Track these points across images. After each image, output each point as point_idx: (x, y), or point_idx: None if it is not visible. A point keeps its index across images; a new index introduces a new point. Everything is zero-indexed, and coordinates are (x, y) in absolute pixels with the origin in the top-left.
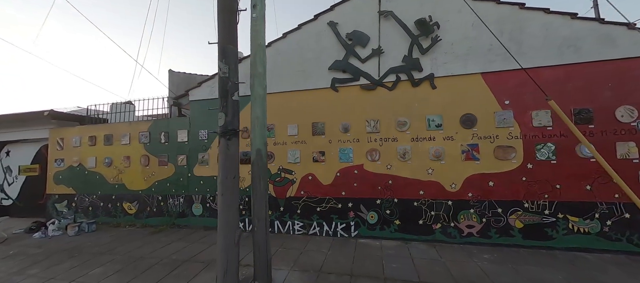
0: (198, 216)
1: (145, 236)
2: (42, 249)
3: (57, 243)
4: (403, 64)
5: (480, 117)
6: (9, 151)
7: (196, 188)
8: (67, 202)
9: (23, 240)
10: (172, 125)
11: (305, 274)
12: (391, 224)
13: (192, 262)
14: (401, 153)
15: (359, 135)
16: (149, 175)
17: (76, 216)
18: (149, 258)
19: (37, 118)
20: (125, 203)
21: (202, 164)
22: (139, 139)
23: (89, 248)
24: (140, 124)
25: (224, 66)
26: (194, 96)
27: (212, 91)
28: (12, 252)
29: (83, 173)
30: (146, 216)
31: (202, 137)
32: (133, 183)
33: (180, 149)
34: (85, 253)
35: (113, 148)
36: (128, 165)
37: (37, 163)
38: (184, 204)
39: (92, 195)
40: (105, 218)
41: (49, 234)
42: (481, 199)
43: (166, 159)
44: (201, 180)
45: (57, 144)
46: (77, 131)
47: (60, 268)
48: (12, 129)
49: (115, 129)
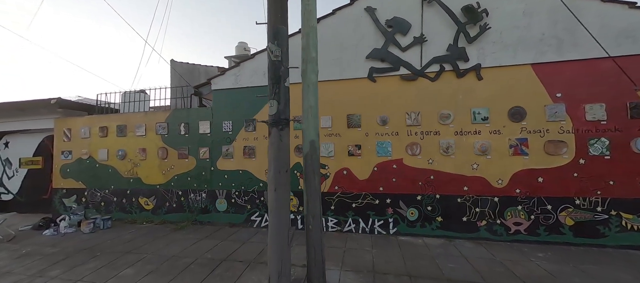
0: (222, 213)
1: (168, 233)
2: (57, 248)
3: (72, 241)
4: (448, 53)
5: (529, 110)
6: (8, 142)
7: (220, 182)
8: (76, 197)
9: (33, 237)
10: (192, 116)
11: (359, 275)
12: (433, 221)
13: (230, 261)
14: (444, 147)
15: (398, 128)
16: (168, 169)
17: (86, 212)
18: (183, 258)
19: (42, 106)
20: (142, 198)
21: (226, 158)
22: (155, 131)
23: (111, 246)
24: (157, 115)
25: (276, 49)
26: (217, 85)
27: (237, 79)
28: (25, 251)
29: (93, 166)
30: (165, 212)
31: (226, 128)
32: (149, 177)
33: (202, 142)
34: (108, 253)
35: (127, 140)
36: (144, 158)
37: (39, 155)
38: (206, 199)
39: (104, 190)
40: (119, 214)
41: (61, 231)
42: (530, 195)
43: (186, 152)
44: (225, 174)
45: (63, 135)
46: (86, 121)
47: (85, 269)
48: (11, 118)
49: (128, 120)
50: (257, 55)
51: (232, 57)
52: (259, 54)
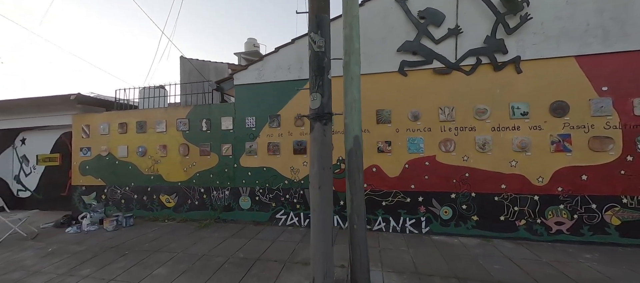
0: (246, 210)
1: (192, 231)
2: (83, 246)
3: (97, 238)
4: (485, 45)
5: (573, 104)
6: (24, 139)
7: (243, 180)
8: (96, 194)
9: (56, 235)
10: (214, 111)
11: (403, 276)
12: (468, 220)
13: (264, 261)
14: (480, 144)
15: (430, 124)
16: (189, 166)
17: (106, 209)
18: (214, 257)
19: (60, 102)
20: (163, 195)
21: (249, 155)
22: (176, 127)
23: (137, 244)
24: (177, 111)
25: (319, 39)
26: (240, 80)
27: (260, 74)
28: (51, 249)
29: (113, 162)
30: (186, 209)
31: (250, 125)
32: (171, 174)
33: (225, 138)
34: (136, 251)
35: (147, 136)
36: (164, 155)
37: (56, 152)
38: (229, 197)
39: (125, 187)
40: (140, 211)
41: (84, 229)
42: (573, 194)
43: (208, 149)
44: (249, 171)
45: (82, 131)
46: (105, 117)
47: (116, 268)
48: (28, 115)
49: (148, 116)
50: (281, 49)
51: (241, 54)
52: (282, 48)
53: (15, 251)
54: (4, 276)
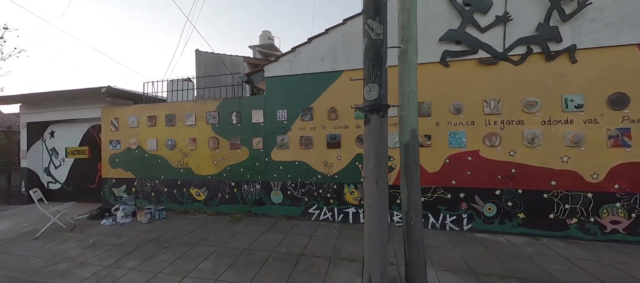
0: (278, 205)
1: (226, 225)
2: (123, 238)
3: (134, 231)
4: (536, 33)
5: (634, 97)
6: (53, 132)
7: (275, 174)
8: (126, 187)
9: (93, 226)
10: (244, 104)
11: (458, 276)
12: (513, 218)
13: (308, 256)
14: (529, 138)
15: (474, 117)
16: (219, 159)
17: (137, 201)
18: (256, 251)
19: (90, 95)
20: (193, 188)
21: (281, 148)
22: (206, 120)
23: (174, 237)
24: (207, 103)
25: (377, 26)
26: (271, 72)
27: (292, 66)
28: (91, 241)
29: (143, 155)
30: (217, 203)
31: (281, 118)
32: (200, 168)
33: (255, 131)
34: (176, 244)
35: (176, 130)
36: (194, 148)
37: (85, 144)
38: (260, 191)
39: (154, 180)
40: (170, 204)
41: (119, 221)
42: (631, 191)
43: (239, 142)
44: (280, 165)
45: (111, 124)
46: (134, 110)
47: (160, 261)
48: (56, 108)
49: (177, 109)
50: (314, 40)
51: (256, 47)
52: (316, 39)
53: (57, 242)
54: (52, 267)
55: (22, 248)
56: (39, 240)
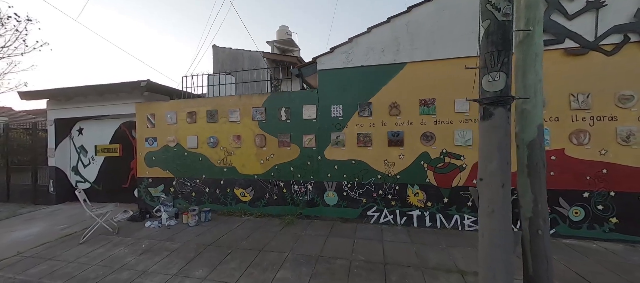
0: (332, 206)
1: (281, 228)
2: (177, 243)
3: (185, 234)
4: (635, 20)
5: None
6: (82, 129)
7: (329, 173)
8: (163, 187)
9: (139, 230)
10: (295, 99)
11: None
12: (605, 222)
13: (394, 266)
14: (623, 136)
15: (558, 112)
16: (267, 158)
17: (175, 202)
18: (331, 259)
19: (125, 89)
20: (237, 189)
21: (336, 146)
22: (251, 116)
23: (233, 242)
24: (253, 98)
25: (504, 5)
26: (324, 64)
27: (348, 58)
28: (144, 246)
29: (182, 154)
30: (264, 204)
31: (336, 114)
32: (246, 167)
33: (307, 128)
34: (238, 250)
35: (218, 126)
36: (238, 146)
37: (116, 142)
38: (313, 192)
39: (195, 179)
40: (212, 205)
41: (164, 223)
42: None
43: (288, 140)
44: (335, 164)
45: (147, 121)
46: (172, 106)
47: (231, 270)
48: (85, 104)
49: (220, 104)
50: (373, 29)
51: (274, 42)
52: (376, 29)
53: (106, 247)
54: (113, 276)
55: (70, 254)
56: (86, 244)
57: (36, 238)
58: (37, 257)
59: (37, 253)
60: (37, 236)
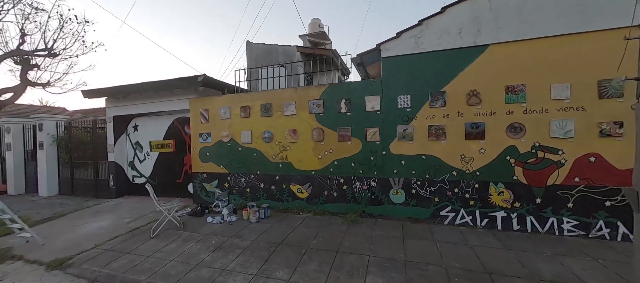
0: (399, 205)
1: (348, 227)
2: (245, 240)
3: (251, 231)
4: None
5: None
6: (137, 125)
7: (395, 169)
8: (218, 182)
9: (202, 225)
10: (356, 90)
11: None
12: None
13: (501, 276)
14: None
15: None
16: (325, 153)
17: (230, 198)
18: (421, 264)
19: (181, 85)
20: (294, 185)
21: (403, 140)
22: (308, 109)
23: (303, 241)
24: (309, 90)
25: None
26: (389, 51)
27: (418, 42)
28: (214, 242)
29: (236, 149)
30: (322, 201)
31: (403, 104)
32: (302, 162)
33: (370, 121)
34: (313, 250)
35: (273, 120)
36: (294, 140)
37: (170, 138)
38: (376, 189)
39: (249, 175)
40: (267, 201)
41: (226, 219)
42: None
43: (349, 133)
44: (402, 159)
45: (201, 116)
46: (226, 100)
47: (313, 272)
48: (141, 101)
49: (275, 98)
50: (449, 9)
51: (306, 36)
52: (451, 8)
53: (178, 242)
54: (194, 273)
55: (145, 248)
56: (157, 238)
57: (108, 231)
58: (115, 250)
59: (114, 246)
60: (108, 230)
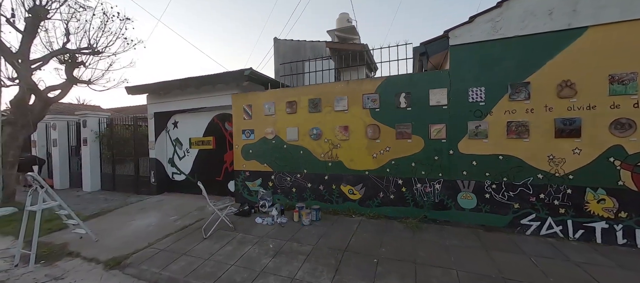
0: (469, 211)
1: (413, 234)
2: (305, 244)
3: (306, 235)
4: None
5: None
6: (176, 122)
7: (464, 171)
8: (261, 181)
9: (253, 226)
10: (418, 83)
11: None
12: None
13: None
14: None
15: None
16: (380, 151)
17: (274, 198)
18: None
19: (226, 80)
20: (345, 185)
21: (475, 138)
22: (362, 104)
23: (369, 249)
24: (363, 84)
25: None
26: (460, 37)
27: (495, 27)
28: (272, 246)
29: (281, 146)
30: (377, 204)
31: (475, 98)
32: (355, 161)
33: (435, 117)
34: (384, 260)
35: (322, 116)
36: (346, 138)
37: (209, 135)
38: (441, 192)
39: (295, 174)
40: (314, 201)
41: (276, 220)
42: None
43: (409, 131)
44: (473, 159)
45: (243, 112)
46: (270, 95)
47: None
48: (181, 97)
49: (324, 92)
50: None
51: (334, 31)
52: None
53: (234, 245)
54: (261, 280)
55: (201, 249)
56: (211, 239)
57: (157, 229)
58: (170, 250)
59: (168, 246)
60: (157, 227)
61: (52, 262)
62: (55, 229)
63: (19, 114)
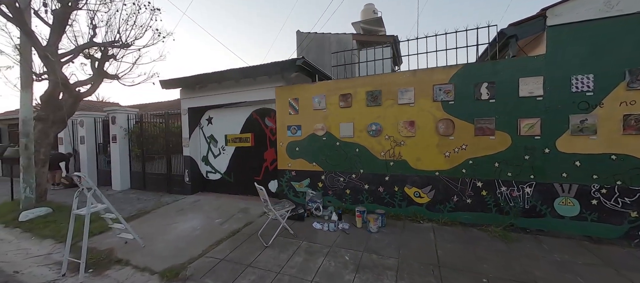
0: (569, 219)
1: (506, 245)
2: (386, 257)
3: (383, 247)
4: None
5: None
6: (211, 118)
7: (564, 172)
8: (309, 181)
9: (314, 233)
10: (503, 71)
11: None
12: None
13: None
14: None
15: None
16: (455, 149)
17: (324, 200)
18: None
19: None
20: (409, 187)
21: (580, 134)
22: (432, 96)
23: (467, 265)
24: (434, 73)
25: None
26: (560, 16)
27: (609, 3)
28: (348, 258)
29: (333, 144)
30: (450, 209)
31: (580, 87)
32: (422, 161)
33: (526, 110)
34: (495, 279)
35: (382, 110)
36: (411, 134)
37: (247, 131)
38: (533, 196)
39: (350, 174)
40: (372, 205)
41: (339, 227)
42: None
43: (492, 126)
44: (576, 159)
45: (289, 106)
46: (320, 88)
47: None
48: (217, 91)
49: (384, 83)
50: None
51: (360, 23)
52: None
53: (303, 256)
54: None
55: (266, 261)
56: (273, 248)
57: (205, 234)
58: (231, 261)
59: (226, 255)
60: (204, 231)
61: (102, 271)
62: (96, 232)
63: (49, 110)
